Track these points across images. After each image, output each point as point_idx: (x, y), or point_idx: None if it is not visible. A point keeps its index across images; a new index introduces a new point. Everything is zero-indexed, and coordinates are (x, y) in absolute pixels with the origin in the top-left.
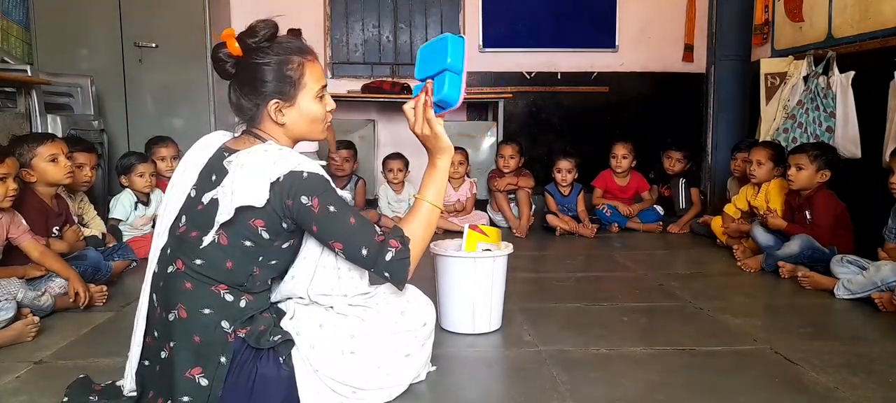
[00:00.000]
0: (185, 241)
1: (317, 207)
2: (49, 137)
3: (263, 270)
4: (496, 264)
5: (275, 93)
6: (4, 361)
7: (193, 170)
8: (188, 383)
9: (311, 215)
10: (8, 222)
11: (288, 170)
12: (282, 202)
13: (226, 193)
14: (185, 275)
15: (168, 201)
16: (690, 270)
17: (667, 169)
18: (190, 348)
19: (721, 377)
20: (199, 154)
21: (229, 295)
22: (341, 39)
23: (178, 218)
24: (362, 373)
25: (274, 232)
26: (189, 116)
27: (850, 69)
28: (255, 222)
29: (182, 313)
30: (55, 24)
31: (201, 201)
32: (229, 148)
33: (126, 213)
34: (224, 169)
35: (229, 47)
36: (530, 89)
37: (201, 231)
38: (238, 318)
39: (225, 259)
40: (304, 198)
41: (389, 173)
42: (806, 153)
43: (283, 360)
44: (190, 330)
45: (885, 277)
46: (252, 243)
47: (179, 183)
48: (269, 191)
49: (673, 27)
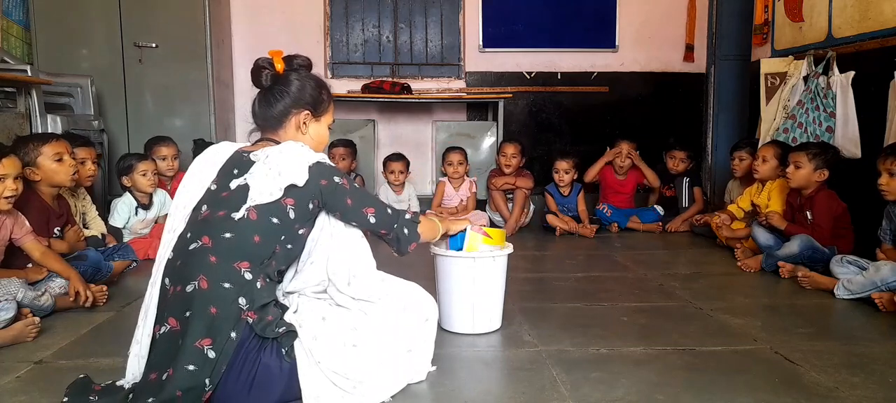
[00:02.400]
0: (210, 222)
1: (347, 185)
2: (54, 137)
3: (282, 251)
4: (496, 264)
5: (308, 105)
6: (4, 361)
7: (211, 170)
8: (196, 352)
9: (343, 191)
10: (11, 223)
11: (320, 158)
12: (317, 182)
13: (262, 176)
14: (212, 250)
15: (182, 199)
16: (690, 270)
17: (670, 168)
18: (205, 318)
19: (721, 377)
20: (213, 157)
21: (249, 273)
22: (341, 39)
23: (198, 208)
24: (364, 366)
25: (299, 212)
26: (189, 116)
27: (850, 69)
28: (286, 201)
29: (203, 284)
30: (55, 24)
31: (228, 188)
32: (247, 150)
33: (124, 220)
34: (246, 164)
35: (276, 64)
36: (530, 89)
37: (229, 211)
38: (254, 299)
39: (254, 232)
40: (337, 178)
41: (390, 174)
42: (805, 152)
43: (286, 352)
44: (208, 300)
45: (884, 277)
46: (279, 221)
47: (197, 182)
48: (308, 172)
49: (673, 27)
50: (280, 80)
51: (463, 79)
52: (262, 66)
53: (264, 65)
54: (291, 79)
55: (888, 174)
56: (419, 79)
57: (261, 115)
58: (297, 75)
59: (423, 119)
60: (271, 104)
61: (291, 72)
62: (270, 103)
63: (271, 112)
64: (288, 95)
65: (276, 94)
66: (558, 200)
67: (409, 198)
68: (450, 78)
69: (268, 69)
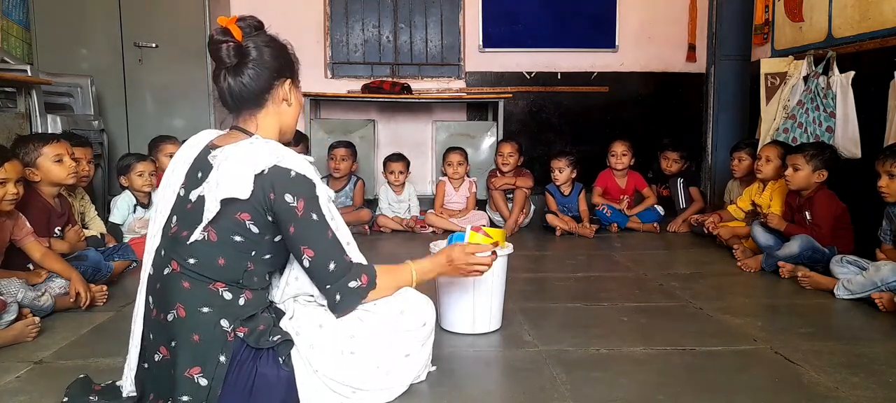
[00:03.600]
0: (177, 241)
1: (301, 210)
2: (54, 137)
3: (258, 265)
4: (496, 264)
5: (287, 71)
6: (5, 361)
7: (182, 169)
8: (188, 382)
9: (292, 215)
10: (11, 224)
11: (272, 164)
12: (265, 195)
13: (210, 187)
14: (182, 275)
15: (159, 202)
16: (690, 270)
17: (664, 169)
18: (189, 347)
19: (721, 377)
20: (187, 152)
21: (228, 293)
22: (341, 39)
23: (170, 219)
24: (362, 373)
25: (261, 226)
26: (189, 116)
27: (850, 69)
28: (241, 216)
29: (181, 312)
30: (55, 24)
31: (190, 200)
32: (215, 145)
33: (123, 217)
34: (209, 165)
35: (235, 32)
36: (530, 89)
37: (191, 229)
38: (238, 317)
39: (216, 255)
40: (289, 197)
41: (390, 174)
42: (802, 153)
43: (283, 360)
44: (189, 329)
45: (884, 277)
46: (242, 238)
47: (169, 183)
48: (253, 182)
49: (673, 27)
50: (245, 52)
51: (463, 79)
52: (220, 41)
53: (223, 37)
54: (260, 46)
55: (888, 176)
56: (419, 79)
57: (235, 100)
58: (260, 39)
59: (423, 119)
60: (246, 84)
61: (251, 38)
62: (245, 83)
63: (248, 92)
64: (264, 66)
65: (248, 70)
66: (559, 200)
67: (409, 198)
68: (450, 78)
69: (229, 41)
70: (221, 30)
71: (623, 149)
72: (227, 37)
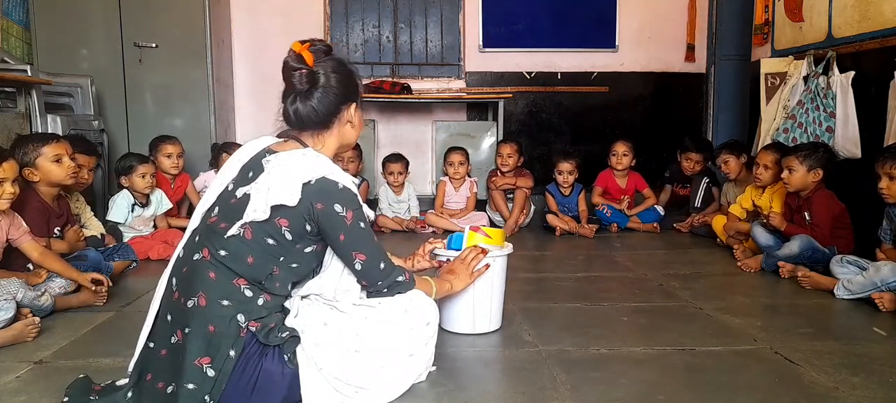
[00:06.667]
0: (213, 231)
1: (350, 220)
2: (54, 137)
3: (284, 271)
4: (496, 264)
5: (354, 96)
6: (4, 361)
7: (236, 166)
8: (196, 371)
9: (342, 224)
10: (8, 224)
11: (321, 175)
12: (311, 204)
13: (260, 190)
14: (210, 265)
15: (209, 191)
16: (690, 270)
17: (686, 169)
18: (203, 337)
19: (721, 377)
20: (245, 152)
21: (249, 290)
22: (341, 39)
23: (212, 209)
24: (366, 372)
25: (297, 234)
26: (189, 116)
27: (850, 69)
28: (280, 221)
29: (202, 301)
30: (55, 24)
31: (235, 195)
32: (272, 150)
33: (123, 216)
34: (261, 167)
35: (307, 59)
36: (530, 89)
37: (230, 223)
38: (254, 315)
39: (247, 253)
40: (339, 207)
41: (390, 175)
42: (795, 155)
43: (288, 358)
44: (206, 318)
45: (884, 277)
46: (274, 241)
47: (222, 175)
48: (301, 191)
49: (673, 27)
50: (315, 78)
51: (463, 79)
52: (294, 68)
53: (297, 64)
54: (328, 73)
55: (888, 178)
56: (419, 79)
57: (300, 121)
58: (329, 65)
59: (423, 119)
60: (315, 107)
61: (321, 64)
62: (314, 107)
63: (316, 116)
64: (333, 92)
65: (317, 94)
66: (559, 200)
67: (408, 198)
68: (450, 78)
69: (303, 68)
70: (296, 56)
71: (625, 150)
72: (301, 64)
